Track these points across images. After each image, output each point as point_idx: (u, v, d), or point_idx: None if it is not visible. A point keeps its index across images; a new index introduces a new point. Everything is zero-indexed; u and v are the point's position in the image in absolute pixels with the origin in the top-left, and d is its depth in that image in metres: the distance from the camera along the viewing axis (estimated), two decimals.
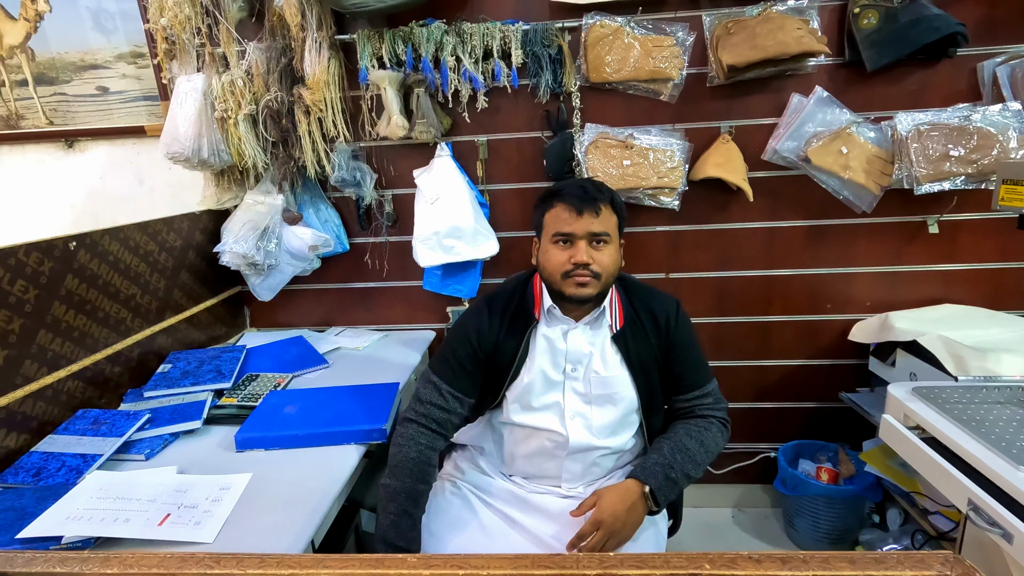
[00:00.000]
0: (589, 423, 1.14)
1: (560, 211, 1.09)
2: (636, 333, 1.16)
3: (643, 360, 1.16)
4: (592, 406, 1.15)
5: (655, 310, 1.18)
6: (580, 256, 1.07)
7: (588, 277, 1.08)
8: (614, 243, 1.12)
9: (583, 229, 1.07)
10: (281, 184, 1.69)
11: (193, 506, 0.96)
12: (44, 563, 0.50)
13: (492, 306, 1.20)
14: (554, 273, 1.10)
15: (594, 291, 1.09)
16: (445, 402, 1.13)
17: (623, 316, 1.17)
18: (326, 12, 1.56)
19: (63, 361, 1.24)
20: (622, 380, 1.15)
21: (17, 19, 1.75)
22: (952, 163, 1.47)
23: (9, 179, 1.91)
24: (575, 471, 1.17)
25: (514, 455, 1.20)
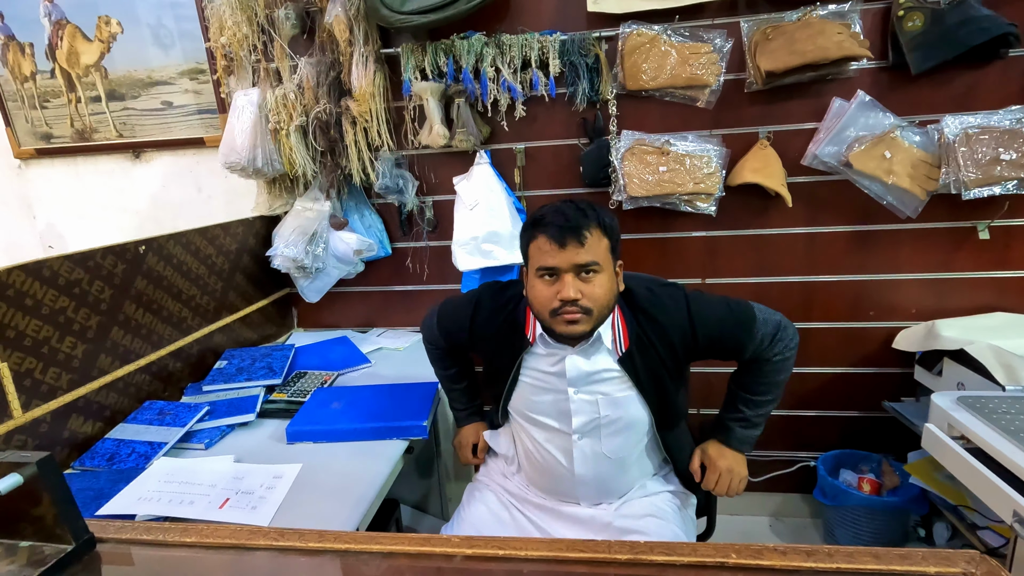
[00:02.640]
0: (599, 445, 1.09)
1: (542, 243, 0.99)
2: (645, 352, 1.07)
3: (655, 377, 1.07)
4: (601, 429, 1.08)
5: (664, 324, 1.07)
6: (567, 292, 0.97)
7: (578, 314, 0.98)
8: (606, 271, 1.00)
9: (567, 262, 0.97)
10: (329, 191, 1.78)
11: (250, 492, 1.03)
12: (132, 531, 0.57)
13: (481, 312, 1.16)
14: (542, 310, 1.02)
15: (587, 327, 1.00)
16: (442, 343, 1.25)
17: (628, 336, 1.07)
18: (372, 28, 1.64)
19: (132, 356, 1.34)
20: (631, 401, 1.08)
21: (92, 40, 1.89)
22: (1003, 167, 1.43)
23: (83, 187, 2.07)
24: (589, 493, 1.13)
25: (529, 469, 1.17)
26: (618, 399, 1.07)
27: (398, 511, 1.54)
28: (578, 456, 1.08)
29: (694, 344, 1.08)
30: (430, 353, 1.32)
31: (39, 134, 2.03)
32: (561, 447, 1.09)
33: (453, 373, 1.31)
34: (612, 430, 1.08)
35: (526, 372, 1.11)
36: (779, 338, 1.10)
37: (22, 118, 2.03)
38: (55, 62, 1.93)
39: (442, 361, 1.31)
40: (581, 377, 1.06)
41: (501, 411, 1.17)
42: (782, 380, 1.13)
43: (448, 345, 1.26)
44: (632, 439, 1.10)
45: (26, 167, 2.10)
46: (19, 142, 2.05)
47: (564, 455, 1.09)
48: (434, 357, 1.32)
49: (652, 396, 1.08)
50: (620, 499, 1.14)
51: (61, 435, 1.15)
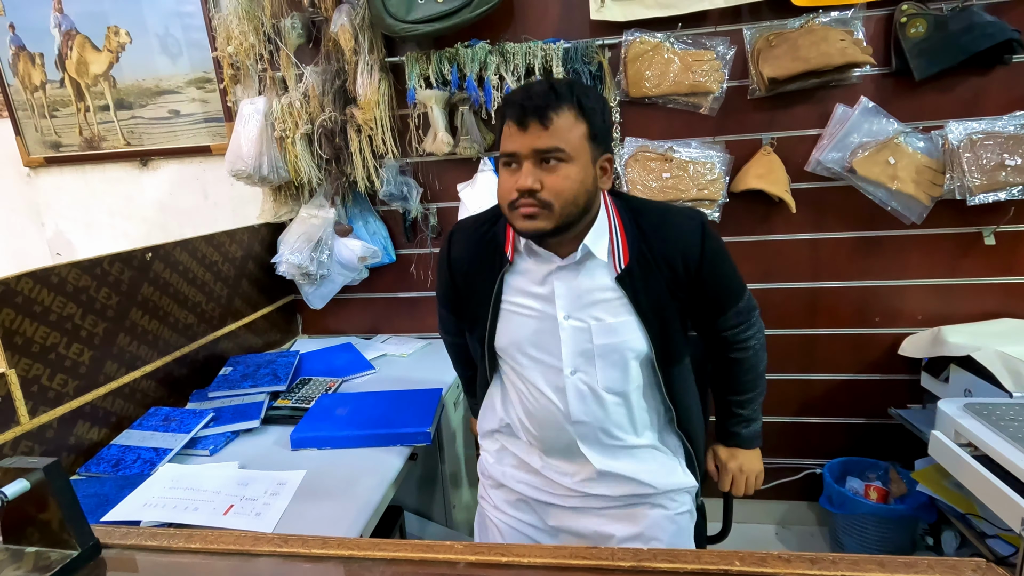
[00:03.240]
0: (594, 379, 0.96)
1: (507, 127, 0.88)
2: (648, 271, 0.94)
3: (657, 303, 0.95)
4: (596, 359, 0.96)
5: (674, 240, 0.96)
6: (523, 181, 0.86)
7: (535, 207, 0.86)
8: (577, 161, 0.87)
9: (527, 146, 0.85)
10: (333, 198, 1.79)
11: (254, 499, 1.03)
12: (137, 537, 0.57)
13: (457, 240, 1.06)
14: (503, 204, 0.91)
15: (547, 224, 0.87)
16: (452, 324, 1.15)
17: (628, 251, 0.94)
18: (377, 37, 1.66)
19: (139, 362, 1.35)
20: (630, 328, 0.95)
21: (101, 50, 1.92)
22: (1008, 172, 1.43)
23: (91, 194, 2.09)
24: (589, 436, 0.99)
25: (526, 424, 1.04)
26: (614, 325, 0.94)
27: (402, 517, 1.54)
28: (572, 394, 0.96)
29: (696, 275, 0.97)
30: (447, 348, 1.24)
31: (48, 143, 2.06)
32: (553, 384, 0.98)
33: (471, 375, 1.19)
34: (608, 362, 0.96)
35: (509, 297, 0.99)
36: (755, 322, 1.05)
37: (32, 127, 2.05)
38: (64, 72, 1.96)
39: (458, 357, 1.22)
40: (572, 299, 0.95)
41: (488, 356, 1.04)
42: (763, 370, 1.08)
43: (455, 324, 1.14)
44: (630, 374, 0.97)
45: (35, 175, 2.12)
46: (28, 151, 2.08)
47: (557, 394, 0.97)
48: (451, 352, 1.23)
49: (653, 322, 0.95)
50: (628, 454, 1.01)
51: (67, 441, 1.16)
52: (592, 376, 0.96)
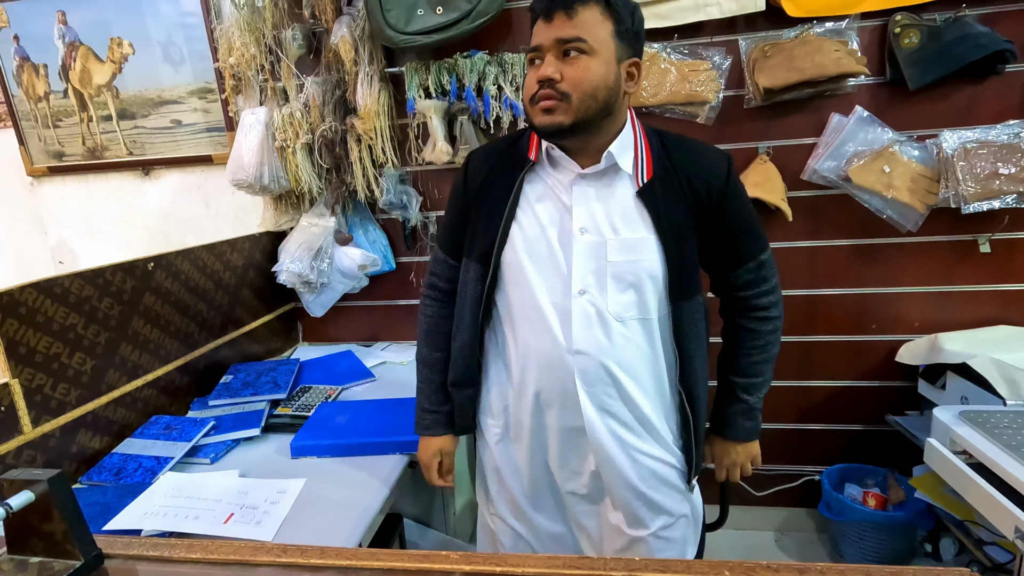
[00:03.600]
0: (603, 301, 0.91)
1: (536, 24, 0.87)
2: (670, 190, 0.91)
3: (677, 226, 0.92)
4: (609, 280, 0.90)
5: (699, 163, 0.94)
6: (543, 70, 0.84)
7: (554, 100, 0.84)
8: (599, 55, 0.84)
9: (550, 37, 0.84)
10: (334, 207, 1.81)
11: (254, 507, 1.04)
12: (139, 547, 0.58)
13: (475, 154, 1.04)
14: (526, 99, 0.89)
15: (565, 119, 0.85)
16: (445, 270, 1.06)
17: (652, 166, 0.92)
18: (377, 48, 1.68)
19: (140, 371, 1.36)
20: (648, 246, 0.91)
21: (105, 61, 1.94)
22: (1002, 181, 1.44)
23: (94, 203, 2.11)
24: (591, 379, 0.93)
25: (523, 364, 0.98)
26: (632, 241, 0.90)
27: (401, 525, 1.55)
28: (578, 317, 0.90)
29: (719, 206, 0.93)
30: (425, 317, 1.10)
31: (51, 152, 2.08)
32: (559, 307, 0.92)
33: (440, 357, 1.10)
34: (620, 284, 0.91)
35: (525, 204, 0.95)
36: (774, 288, 1.02)
37: (35, 137, 2.07)
38: (68, 82, 1.98)
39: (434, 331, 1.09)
40: (590, 211, 0.91)
41: (489, 283, 0.97)
42: (774, 355, 1.04)
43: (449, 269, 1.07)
44: (641, 300, 0.92)
45: (38, 184, 2.14)
46: (32, 160, 2.10)
47: (561, 318, 0.92)
48: (427, 324, 1.10)
49: (671, 245, 0.91)
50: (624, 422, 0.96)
51: (70, 450, 1.17)
52: (601, 298, 0.91)
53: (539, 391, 0.97)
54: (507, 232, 0.95)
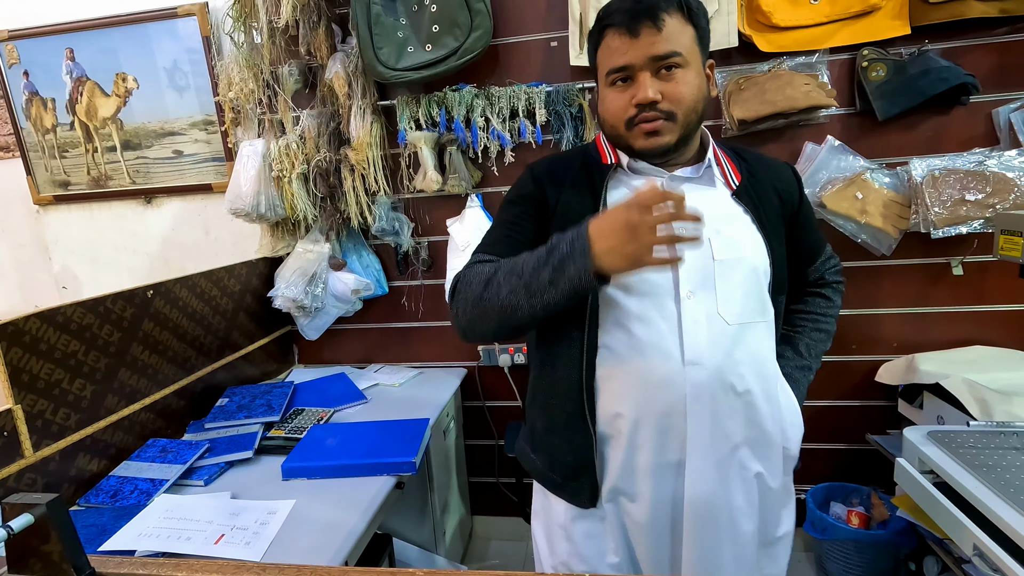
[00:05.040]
0: (712, 303, 0.83)
1: (611, 39, 0.83)
2: (760, 193, 0.90)
3: (773, 224, 0.90)
4: (717, 280, 0.84)
5: (777, 171, 0.95)
6: (643, 92, 0.80)
7: (660, 120, 0.81)
8: (693, 66, 0.82)
9: (642, 55, 0.80)
10: (328, 234, 1.87)
11: (244, 528, 1.08)
12: (130, 566, 0.62)
13: (540, 166, 0.96)
14: (616, 124, 0.85)
15: (672, 138, 0.83)
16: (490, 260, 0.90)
17: (737, 171, 0.91)
18: (370, 82, 1.75)
19: (138, 395, 1.41)
20: (753, 242, 0.86)
21: (110, 95, 2.02)
22: (969, 208, 1.49)
23: (98, 231, 2.18)
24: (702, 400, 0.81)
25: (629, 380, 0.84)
26: (736, 237, 0.85)
27: (391, 546, 1.58)
28: (689, 322, 0.82)
29: (796, 213, 0.95)
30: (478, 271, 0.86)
31: (57, 182, 2.15)
32: (665, 313, 0.83)
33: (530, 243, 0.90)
34: (730, 283, 0.84)
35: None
36: (840, 269, 1.10)
37: (42, 167, 2.15)
38: (75, 115, 2.06)
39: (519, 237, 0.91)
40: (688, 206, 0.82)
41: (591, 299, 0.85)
42: (833, 332, 1.06)
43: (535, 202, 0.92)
44: (750, 295, 0.86)
45: (44, 212, 2.21)
46: (39, 189, 2.17)
47: (669, 326, 0.82)
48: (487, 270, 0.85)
49: (772, 240, 0.88)
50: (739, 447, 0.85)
51: (68, 473, 1.21)
52: (711, 300, 0.83)
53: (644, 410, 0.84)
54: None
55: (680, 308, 0.83)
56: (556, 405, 0.91)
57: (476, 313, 0.83)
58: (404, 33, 1.64)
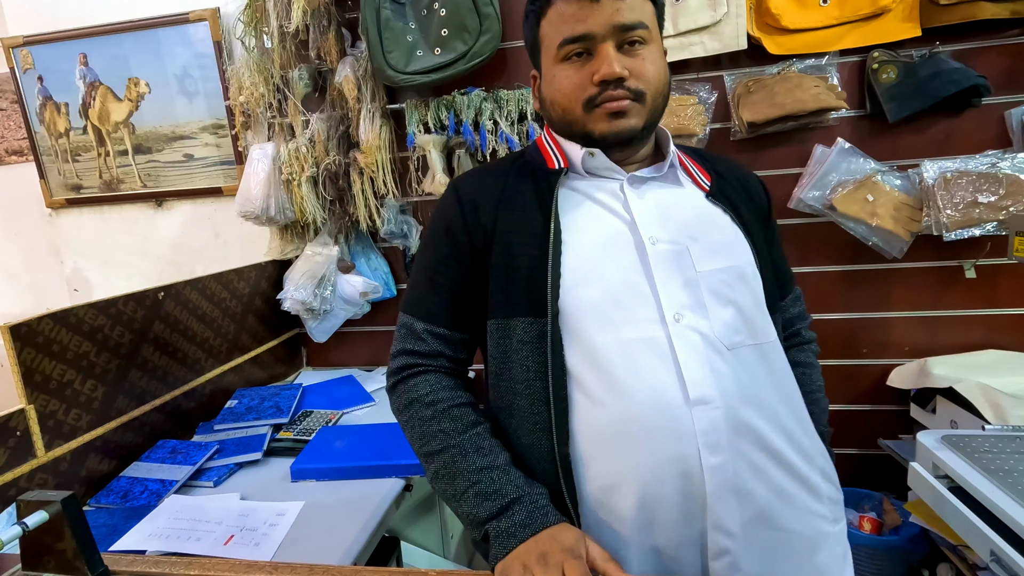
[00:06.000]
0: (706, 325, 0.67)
1: (563, 5, 0.70)
2: (734, 193, 0.78)
3: (755, 224, 0.78)
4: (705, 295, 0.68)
5: (743, 173, 0.84)
6: (608, 67, 0.68)
7: (627, 100, 0.69)
8: (656, 44, 0.72)
9: (604, 22, 0.68)
10: (337, 237, 1.88)
11: (253, 529, 1.08)
12: (143, 564, 0.63)
13: (464, 183, 0.81)
14: (571, 106, 0.72)
15: (639, 122, 0.71)
16: (437, 345, 0.77)
17: (705, 172, 0.79)
18: (379, 86, 1.77)
19: (148, 396, 1.41)
20: (738, 247, 0.73)
21: (122, 100, 2.04)
22: (981, 209, 1.48)
23: (109, 234, 2.20)
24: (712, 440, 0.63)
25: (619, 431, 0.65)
26: (720, 243, 0.72)
27: (399, 548, 1.57)
28: (683, 349, 0.65)
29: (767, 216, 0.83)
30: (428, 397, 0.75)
31: (70, 185, 2.17)
32: (653, 343, 0.66)
33: (476, 421, 0.73)
34: (720, 299, 0.69)
35: (568, 225, 0.71)
36: (808, 323, 0.92)
37: (55, 171, 2.17)
38: (87, 120, 2.09)
39: (449, 410, 0.74)
40: (654, 217, 0.71)
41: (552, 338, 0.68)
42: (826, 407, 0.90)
43: (439, 357, 0.78)
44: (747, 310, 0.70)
45: (56, 215, 2.23)
46: (51, 193, 2.19)
47: (660, 358, 0.65)
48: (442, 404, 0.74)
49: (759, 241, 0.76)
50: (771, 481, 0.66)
51: (80, 473, 1.22)
52: (703, 320, 0.67)
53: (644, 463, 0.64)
54: (558, 264, 0.70)
55: (670, 334, 0.66)
56: None
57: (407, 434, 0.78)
58: (413, 37, 1.65)
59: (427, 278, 0.79)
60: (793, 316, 0.87)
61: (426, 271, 0.79)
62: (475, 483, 0.66)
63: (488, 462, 0.67)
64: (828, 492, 0.74)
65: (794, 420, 0.71)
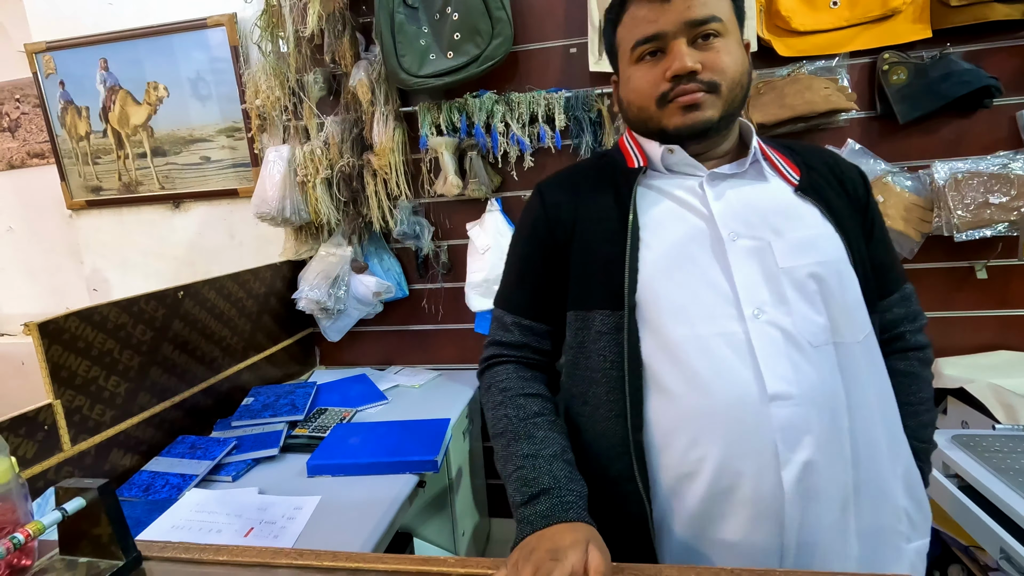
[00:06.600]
0: (788, 322, 0.66)
1: (636, 9, 0.73)
2: (826, 186, 0.75)
3: (847, 218, 0.74)
4: (788, 291, 0.67)
5: (837, 161, 0.80)
6: (680, 62, 0.69)
7: (700, 92, 0.70)
8: (733, 35, 0.72)
9: (675, 20, 0.69)
10: (350, 238, 1.91)
11: (272, 522, 1.11)
12: (173, 550, 0.65)
13: (547, 187, 0.85)
14: (645, 104, 0.73)
15: (714, 114, 0.71)
16: (522, 336, 0.81)
17: (794, 165, 0.77)
18: (392, 89, 1.79)
19: (168, 393, 1.45)
20: (827, 242, 0.70)
21: (142, 104, 2.09)
22: (993, 210, 1.48)
23: (127, 234, 2.24)
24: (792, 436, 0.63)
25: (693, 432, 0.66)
26: (804, 240, 0.69)
27: (412, 544, 1.59)
28: (763, 345, 0.65)
29: (865, 206, 0.79)
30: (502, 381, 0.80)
31: (90, 187, 2.22)
32: (732, 339, 0.66)
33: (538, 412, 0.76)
34: (804, 294, 0.67)
35: (647, 223, 0.73)
36: (923, 324, 0.84)
37: (76, 173, 2.22)
38: (107, 123, 2.13)
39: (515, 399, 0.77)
40: (734, 213, 0.71)
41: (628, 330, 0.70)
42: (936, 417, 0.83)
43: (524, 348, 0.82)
44: (835, 308, 0.68)
45: (76, 217, 2.28)
46: (72, 195, 2.24)
47: (737, 353, 0.65)
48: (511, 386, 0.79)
49: (853, 238, 0.73)
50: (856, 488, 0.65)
51: (103, 467, 1.25)
52: (785, 316, 0.66)
53: (722, 459, 0.64)
54: (636, 259, 0.72)
55: (748, 329, 0.65)
56: (596, 466, 0.72)
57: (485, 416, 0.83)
58: (426, 41, 1.68)
59: (515, 274, 0.85)
60: (897, 317, 0.80)
61: (514, 267, 0.86)
62: (519, 468, 0.69)
63: (535, 450, 0.70)
64: (905, 505, 0.70)
65: (881, 425, 0.69)
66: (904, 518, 0.70)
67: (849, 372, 0.67)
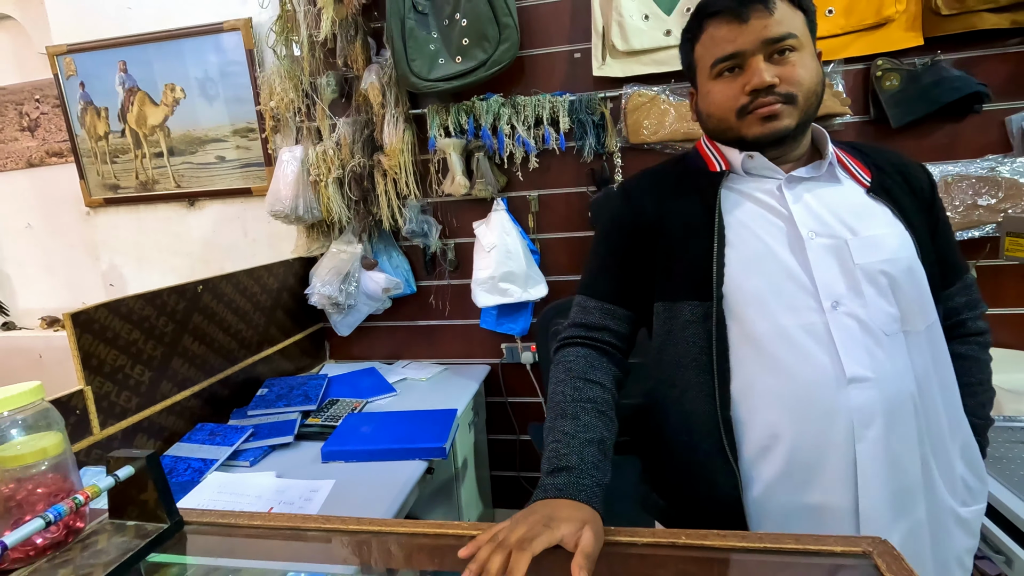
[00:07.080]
0: (864, 313, 0.73)
1: (715, 29, 0.78)
2: (895, 187, 0.81)
3: (915, 216, 0.80)
4: (864, 285, 0.74)
5: (904, 162, 0.85)
6: (758, 77, 0.74)
7: (778, 104, 0.75)
8: (807, 49, 0.77)
9: (753, 40, 0.75)
10: (361, 235, 1.97)
11: (290, 503, 1.17)
12: (211, 516, 0.72)
13: (632, 185, 0.91)
14: (725, 116, 0.79)
15: (791, 122, 0.76)
16: (602, 317, 0.87)
17: (865, 168, 0.82)
18: (403, 92, 1.86)
19: (188, 383, 1.51)
20: (898, 241, 0.76)
21: (159, 105, 2.16)
22: (981, 212, 1.54)
23: (143, 232, 2.31)
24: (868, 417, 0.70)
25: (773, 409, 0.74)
26: (877, 238, 0.76)
27: None
28: (840, 334, 0.72)
29: (931, 203, 0.84)
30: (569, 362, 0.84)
31: (108, 185, 2.29)
32: (812, 328, 0.73)
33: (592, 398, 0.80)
34: (878, 289, 0.74)
35: (730, 222, 0.79)
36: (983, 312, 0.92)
37: (94, 172, 2.29)
38: (126, 123, 2.20)
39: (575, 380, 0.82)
40: (812, 213, 0.77)
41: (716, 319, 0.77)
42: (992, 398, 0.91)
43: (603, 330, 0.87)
44: (905, 300, 0.75)
45: (94, 214, 2.35)
46: (90, 193, 2.31)
47: (817, 342, 0.72)
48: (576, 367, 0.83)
49: (922, 236, 0.79)
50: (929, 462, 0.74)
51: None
52: (861, 308, 0.73)
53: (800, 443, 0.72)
54: (723, 255, 0.78)
55: (827, 320, 0.73)
56: (686, 442, 0.80)
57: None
58: (436, 46, 1.74)
59: (597, 263, 0.91)
60: (958, 306, 0.88)
61: (597, 257, 0.92)
62: (556, 441, 0.75)
63: (574, 430, 0.75)
64: (963, 474, 0.80)
65: (944, 406, 0.77)
66: (961, 485, 0.79)
67: (916, 357, 0.75)
